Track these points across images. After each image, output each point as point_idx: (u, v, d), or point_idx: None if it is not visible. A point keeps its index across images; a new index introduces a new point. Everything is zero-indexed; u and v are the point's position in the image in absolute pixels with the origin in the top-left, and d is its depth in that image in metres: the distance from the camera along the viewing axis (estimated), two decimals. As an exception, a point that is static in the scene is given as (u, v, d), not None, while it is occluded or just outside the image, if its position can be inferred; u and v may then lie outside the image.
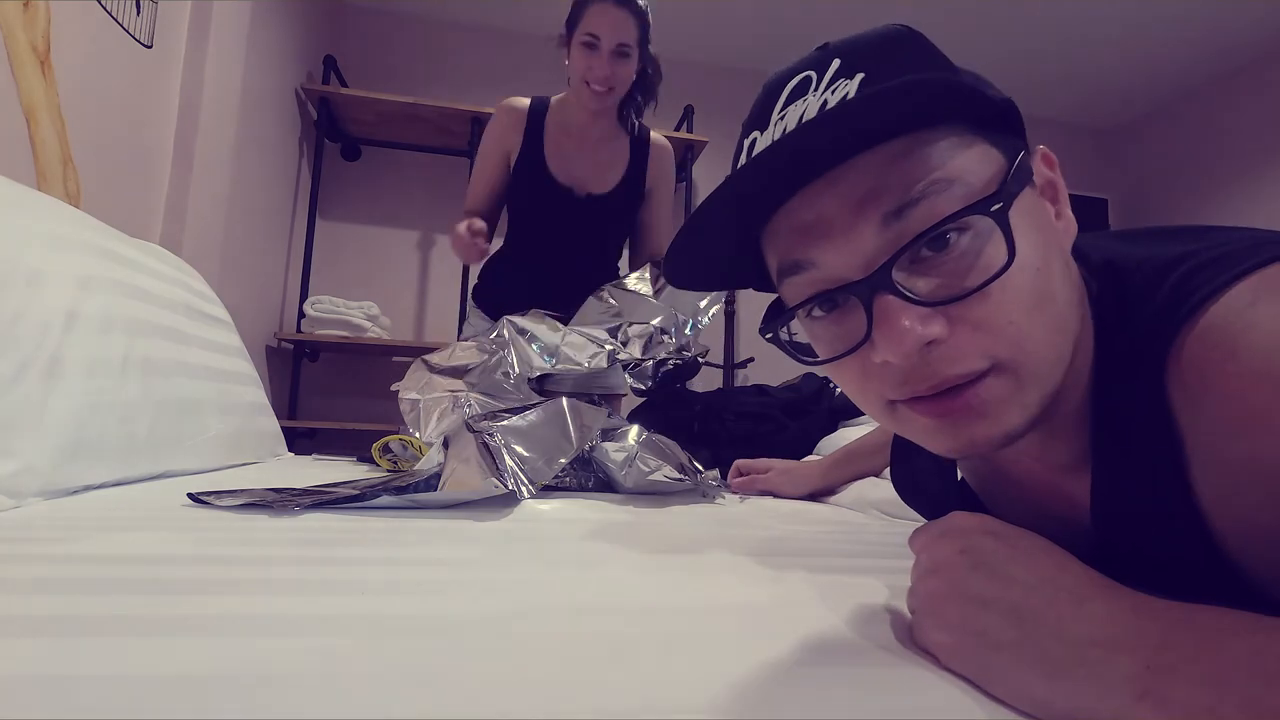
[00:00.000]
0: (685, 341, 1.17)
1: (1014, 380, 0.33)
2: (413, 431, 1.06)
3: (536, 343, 1.12)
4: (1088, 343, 0.37)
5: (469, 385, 1.10)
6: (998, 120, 0.36)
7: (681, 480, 0.87)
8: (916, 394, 0.34)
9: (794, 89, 0.36)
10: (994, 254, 0.32)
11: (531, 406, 0.90)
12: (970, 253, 0.32)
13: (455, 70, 2.79)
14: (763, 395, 1.56)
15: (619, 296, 1.20)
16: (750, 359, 2.61)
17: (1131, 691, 0.23)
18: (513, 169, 1.41)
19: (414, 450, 1.01)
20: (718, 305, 1.23)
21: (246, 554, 0.43)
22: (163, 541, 0.46)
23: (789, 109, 0.36)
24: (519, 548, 0.51)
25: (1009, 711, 0.25)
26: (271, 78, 2.07)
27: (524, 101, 1.40)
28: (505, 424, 0.83)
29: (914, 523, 0.67)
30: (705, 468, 0.93)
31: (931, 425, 0.35)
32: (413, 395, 1.10)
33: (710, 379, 2.60)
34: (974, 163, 0.34)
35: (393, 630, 0.30)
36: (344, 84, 2.50)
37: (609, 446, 0.88)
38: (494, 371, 1.11)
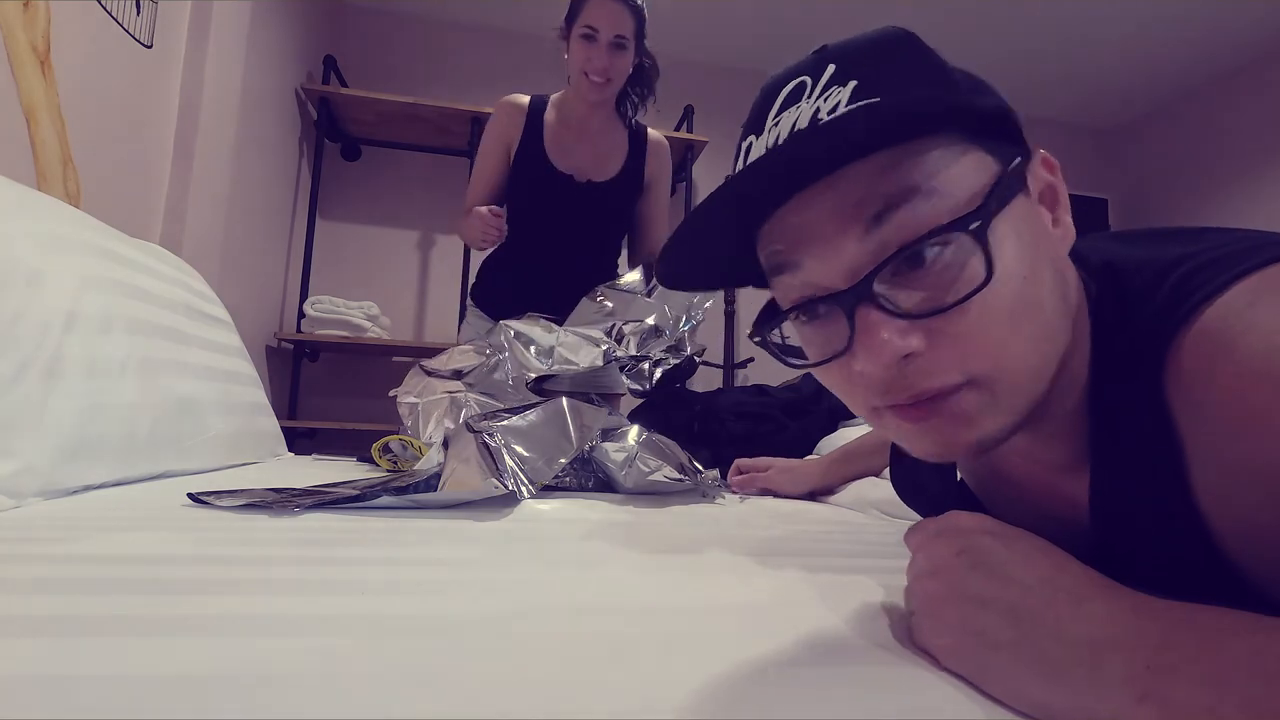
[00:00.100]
0: (680, 338, 1.18)
1: (989, 393, 0.34)
2: (413, 434, 1.06)
3: (533, 345, 1.12)
4: (1085, 344, 0.38)
5: (468, 386, 1.10)
6: (994, 126, 0.35)
7: (681, 480, 0.87)
8: (896, 402, 0.35)
9: (788, 95, 0.37)
10: (976, 268, 0.32)
11: (531, 406, 0.90)
12: (953, 265, 0.33)
13: (455, 70, 2.79)
14: (762, 395, 1.56)
15: (612, 297, 1.21)
16: (750, 359, 2.61)
17: (1131, 693, 0.23)
18: (513, 162, 1.43)
19: (414, 450, 1.01)
20: (710, 301, 1.23)
21: (246, 554, 0.43)
22: (163, 541, 0.46)
23: (783, 115, 0.36)
24: (519, 548, 0.51)
25: (1008, 712, 0.25)
26: (271, 78, 2.07)
27: (523, 98, 1.43)
28: (505, 424, 0.83)
29: (913, 523, 0.67)
30: (705, 468, 0.93)
31: (911, 430, 0.36)
32: (411, 399, 1.10)
33: (710, 379, 2.60)
34: (965, 172, 0.34)
35: (393, 630, 0.30)
36: (344, 84, 2.50)
37: (609, 446, 0.88)
38: (492, 373, 1.12)
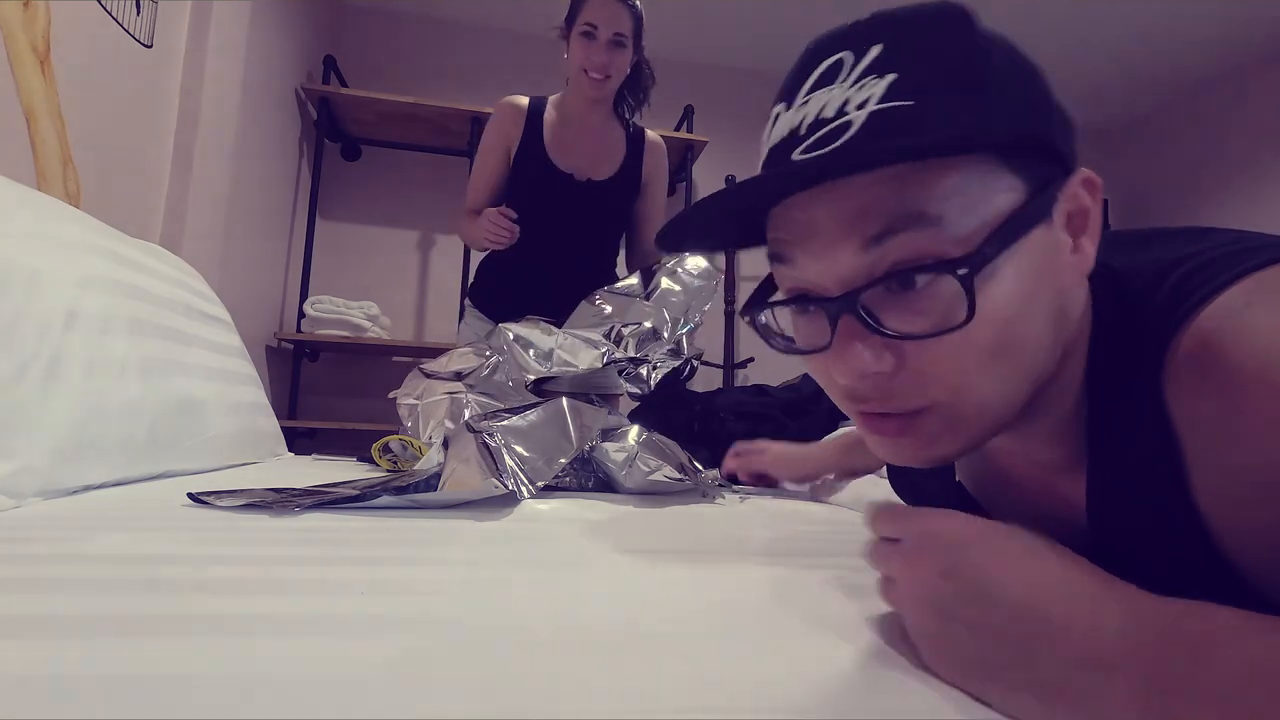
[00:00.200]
0: (678, 341, 1.18)
1: (949, 420, 0.34)
2: (413, 434, 1.06)
3: (532, 349, 1.13)
4: (1083, 348, 0.38)
5: (468, 387, 1.10)
6: (1037, 145, 0.34)
7: (681, 480, 0.87)
8: (865, 410, 0.36)
9: (825, 72, 0.35)
10: (958, 306, 0.31)
11: (531, 406, 0.90)
12: (939, 297, 0.32)
13: (455, 70, 2.78)
14: (762, 395, 1.56)
15: (611, 300, 1.21)
16: (750, 359, 2.61)
17: (1133, 714, 0.23)
18: (513, 162, 1.44)
19: (414, 450, 1.01)
20: (708, 305, 1.23)
21: (246, 554, 0.43)
22: (163, 541, 0.46)
23: (813, 95, 0.35)
24: (519, 548, 0.51)
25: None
26: (271, 78, 2.06)
27: (523, 99, 1.45)
28: (505, 424, 0.83)
29: (880, 502, 0.67)
30: (705, 468, 0.93)
31: (874, 438, 0.37)
32: (411, 400, 1.10)
33: (709, 379, 2.60)
34: (982, 199, 0.32)
35: (393, 629, 0.30)
36: (344, 84, 2.50)
37: (609, 446, 0.88)
38: (491, 375, 1.12)
